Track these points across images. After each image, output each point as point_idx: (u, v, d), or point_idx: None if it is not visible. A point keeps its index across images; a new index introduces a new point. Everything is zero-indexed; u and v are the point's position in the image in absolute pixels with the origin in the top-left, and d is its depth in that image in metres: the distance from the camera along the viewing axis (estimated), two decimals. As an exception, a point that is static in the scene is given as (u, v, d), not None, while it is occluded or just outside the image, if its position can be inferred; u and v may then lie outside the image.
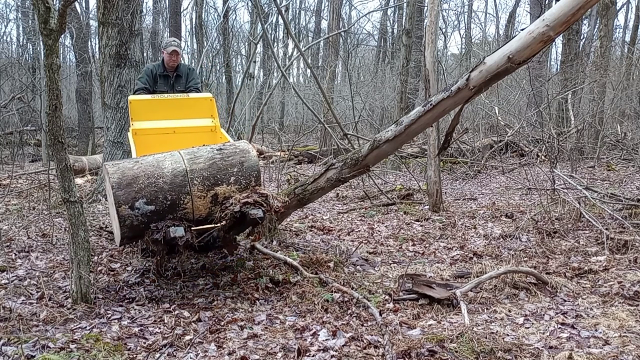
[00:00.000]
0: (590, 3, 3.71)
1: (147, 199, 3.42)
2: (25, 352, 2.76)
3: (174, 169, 3.53)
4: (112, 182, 3.36)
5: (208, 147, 3.77)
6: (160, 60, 5.52)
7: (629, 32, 19.93)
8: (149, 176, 3.45)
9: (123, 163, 3.55)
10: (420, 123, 4.42)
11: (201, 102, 5.00)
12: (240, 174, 3.68)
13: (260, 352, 2.94)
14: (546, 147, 9.43)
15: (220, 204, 3.61)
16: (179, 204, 3.50)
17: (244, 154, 3.75)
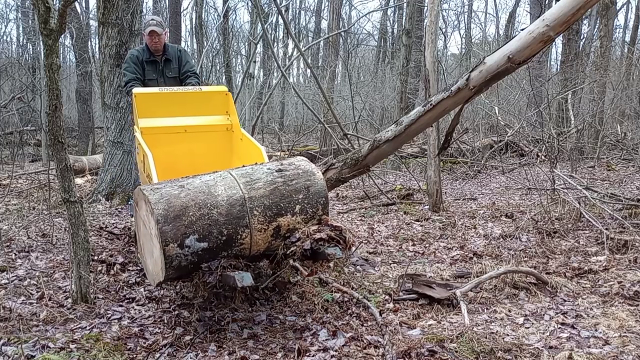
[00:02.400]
0: (590, 3, 3.71)
1: (200, 234, 2.83)
2: (25, 352, 2.76)
3: (230, 197, 2.94)
4: (157, 215, 2.77)
5: (264, 167, 3.19)
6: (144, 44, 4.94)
7: (629, 32, 19.93)
8: (200, 206, 2.85)
9: (165, 189, 2.92)
10: (420, 123, 4.42)
11: (215, 96, 4.46)
12: (306, 202, 3.09)
13: (260, 352, 2.94)
14: (546, 147, 9.43)
15: (283, 238, 3.07)
16: (235, 239, 2.93)
17: (309, 177, 3.17)
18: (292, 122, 20.45)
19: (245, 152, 4.19)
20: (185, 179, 3.05)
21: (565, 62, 12.23)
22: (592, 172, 8.87)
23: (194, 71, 4.91)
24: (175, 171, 3.69)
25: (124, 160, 6.43)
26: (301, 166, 3.24)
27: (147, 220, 2.97)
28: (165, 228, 2.78)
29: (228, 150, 4.43)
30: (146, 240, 3.07)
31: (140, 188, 3.00)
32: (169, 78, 4.85)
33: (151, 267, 3.06)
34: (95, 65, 13.48)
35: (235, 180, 3.05)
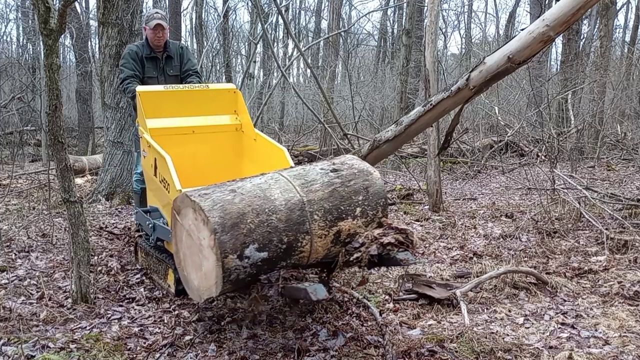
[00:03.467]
0: (590, 3, 3.71)
1: (260, 243, 2.57)
2: (25, 352, 2.76)
3: (288, 201, 2.69)
4: (213, 224, 2.51)
5: (316, 168, 2.97)
6: (143, 39, 4.67)
7: (629, 32, 19.94)
8: (258, 212, 2.60)
9: (215, 194, 2.65)
10: (420, 123, 4.42)
11: (223, 94, 4.24)
12: (366, 204, 2.88)
13: (260, 352, 2.94)
14: (546, 147, 9.43)
15: (343, 244, 2.83)
16: (295, 247, 2.68)
17: (367, 177, 2.97)
18: (292, 122, 20.45)
19: (261, 154, 4.00)
20: (234, 183, 2.79)
21: (565, 62, 12.23)
22: (592, 172, 8.87)
23: (195, 70, 4.73)
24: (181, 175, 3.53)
25: (124, 160, 6.43)
26: (355, 165, 3.03)
27: (194, 230, 2.67)
28: (223, 238, 2.49)
29: (238, 152, 4.26)
30: (192, 252, 2.75)
31: (186, 194, 2.69)
32: (170, 76, 4.64)
33: (197, 282, 2.75)
34: (95, 65, 13.47)
35: (290, 182, 2.80)
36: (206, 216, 2.53)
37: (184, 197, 2.73)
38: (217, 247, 2.49)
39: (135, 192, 4.88)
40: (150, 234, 3.82)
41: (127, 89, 4.43)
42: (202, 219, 2.57)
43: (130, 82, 4.42)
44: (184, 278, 2.90)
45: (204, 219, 2.56)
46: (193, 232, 2.69)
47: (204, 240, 2.60)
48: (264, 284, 2.67)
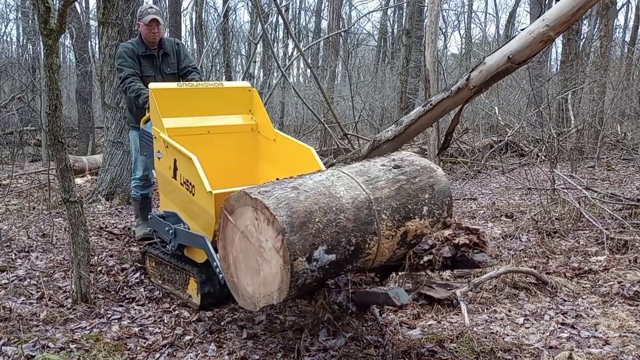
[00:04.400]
0: (590, 3, 3.72)
1: (328, 244, 2.40)
2: (25, 352, 2.76)
3: (354, 198, 2.54)
4: (281, 223, 2.32)
5: (376, 164, 2.84)
6: (137, 36, 4.48)
7: (629, 32, 19.94)
8: (326, 211, 2.43)
9: (277, 191, 2.48)
10: (420, 123, 4.43)
11: (238, 93, 4.08)
12: (432, 202, 2.74)
13: (260, 352, 2.94)
14: (546, 147, 9.43)
15: (409, 245, 2.68)
16: (363, 248, 2.53)
17: (431, 174, 2.83)
18: (292, 122, 20.44)
19: (282, 155, 3.86)
20: (292, 180, 2.63)
21: (565, 62, 12.23)
22: (592, 172, 8.86)
23: (194, 66, 4.54)
24: None
25: (124, 160, 6.42)
26: (416, 161, 2.89)
27: (253, 231, 2.49)
28: (292, 239, 2.30)
29: (254, 154, 4.12)
30: (247, 256, 2.57)
31: (245, 191, 2.51)
32: (167, 74, 4.45)
33: (253, 288, 2.56)
34: (95, 65, 13.47)
35: (353, 179, 2.65)
36: (272, 215, 2.34)
37: (241, 196, 2.54)
38: (285, 249, 2.31)
39: (135, 198, 4.73)
40: (169, 241, 3.58)
41: (130, 88, 4.22)
42: (266, 219, 2.38)
43: (132, 80, 4.23)
44: (232, 284, 2.70)
45: (268, 218, 2.37)
46: (251, 234, 2.51)
47: (267, 241, 2.41)
48: (331, 289, 2.47)
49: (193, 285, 3.50)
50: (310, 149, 3.58)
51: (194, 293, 3.50)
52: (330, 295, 2.47)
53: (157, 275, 3.91)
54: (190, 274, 3.52)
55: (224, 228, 2.69)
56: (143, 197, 4.71)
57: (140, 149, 4.22)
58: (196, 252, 3.42)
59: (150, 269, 3.99)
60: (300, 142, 3.73)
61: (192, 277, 3.50)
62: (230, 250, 2.68)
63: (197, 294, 3.46)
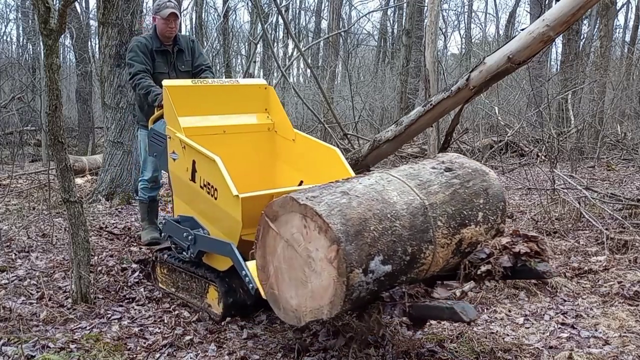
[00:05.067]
0: (590, 3, 3.72)
1: (385, 255, 2.25)
2: (25, 352, 2.76)
3: (408, 204, 2.39)
4: (336, 231, 2.16)
5: (426, 167, 2.69)
6: (151, 31, 4.30)
7: (629, 32, 19.94)
8: (380, 218, 2.28)
9: (326, 196, 2.32)
10: (420, 123, 4.43)
11: (253, 90, 3.91)
12: (487, 207, 2.59)
13: (260, 352, 2.94)
14: (546, 147, 9.43)
15: (462, 254, 2.54)
16: (418, 258, 2.38)
17: (484, 177, 2.68)
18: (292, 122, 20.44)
19: (302, 156, 3.71)
20: (341, 184, 2.46)
21: (565, 62, 12.24)
22: (592, 172, 8.86)
23: (208, 65, 4.39)
24: None
25: (124, 160, 6.43)
26: (466, 163, 2.74)
27: (301, 240, 2.32)
28: (348, 249, 2.14)
29: (270, 154, 3.97)
30: (291, 266, 2.39)
31: (293, 197, 2.33)
32: (182, 72, 4.27)
33: (297, 301, 2.38)
34: (95, 65, 13.47)
35: (405, 183, 2.50)
36: (325, 223, 2.17)
37: (287, 201, 2.36)
38: (341, 260, 2.14)
39: (142, 201, 4.55)
40: (187, 247, 3.37)
41: (140, 84, 4.05)
42: (318, 227, 2.22)
43: (142, 77, 4.04)
44: (272, 296, 2.52)
45: (320, 227, 2.20)
46: (297, 243, 2.34)
47: (318, 251, 2.24)
48: (386, 302, 2.31)
49: (213, 294, 3.34)
50: (335, 150, 3.45)
51: (214, 302, 3.34)
52: (385, 309, 2.32)
53: (169, 283, 3.73)
54: (210, 282, 3.35)
55: (264, 236, 2.50)
56: (151, 199, 4.54)
57: (150, 149, 4.03)
58: (217, 259, 3.23)
59: (161, 275, 3.82)
60: (324, 143, 3.61)
61: (213, 285, 3.33)
62: (270, 260, 2.50)
63: (218, 303, 3.30)
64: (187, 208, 3.52)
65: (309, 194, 2.36)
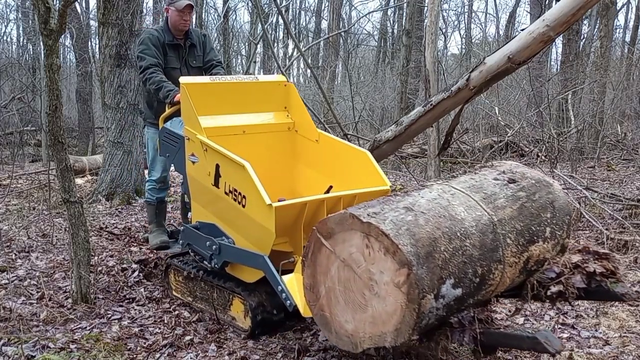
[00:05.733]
0: (590, 3, 3.71)
1: (455, 277, 2.09)
2: (25, 352, 2.76)
3: (477, 221, 2.23)
4: (406, 254, 1.99)
5: (488, 178, 2.53)
6: (162, 23, 4.12)
7: (629, 32, 19.92)
8: (450, 237, 2.12)
9: (390, 213, 2.15)
10: (420, 123, 4.43)
11: (273, 88, 3.70)
12: (554, 222, 2.45)
13: (260, 352, 2.94)
14: (546, 147, 9.43)
15: (528, 272, 2.38)
16: (487, 279, 2.21)
17: (548, 189, 2.54)
18: (292, 122, 20.43)
19: (327, 159, 3.49)
20: (401, 198, 2.30)
21: (565, 62, 12.23)
22: (592, 172, 8.86)
23: (219, 61, 4.21)
24: None
25: (124, 160, 6.43)
26: (528, 173, 2.59)
27: (361, 261, 2.14)
28: (420, 272, 1.97)
29: (290, 155, 3.76)
30: (348, 288, 2.21)
31: (353, 214, 2.15)
32: (193, 68, 4.09)
33: (353, 326, 2.21)
34: (95, 65, 13.47)
35: (470, 197, 2.34)
36: (393, 243, 2.00)
37: (345, 218, 2.18)
38: (412, 285, 1.97)
39: (149, 202, 4.34)
40: (209, 257, 3.17)
41: (150, 79, 3.84)
42: (384, 247, 2.04)
43: (153, 71, 3.84)
44: (322, 319, 2.35)
45: (387, 248, 2.03)
46: (357, 263, 2.16)
47: (383, 274, 2.06)
48: (454, 328, 2.17)
49: (238, 307, 3.16)
50: (366, 153, 3.24)
51: (239, 316, 3.15)
52: (452, 336, 2.16)
53: (184, 292, 3.56)
54: (235, 294, 3.16)
55: (315, 254, 2.34)
56: (159, 201, 4.32)
57: (161, 149, 3.81)
58: (244, 270, 3.04)
59: (174, 283, 3.65)
60: (352, 145, 3.40)
61: (239, 298, 3.14)
62: (322, 280, 2.32)
63: (244, 317, 3.11)
64: (208, 214, 3.30)
65: (369, 209, 2.17)
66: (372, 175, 3.15)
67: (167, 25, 4.02)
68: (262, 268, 2.80)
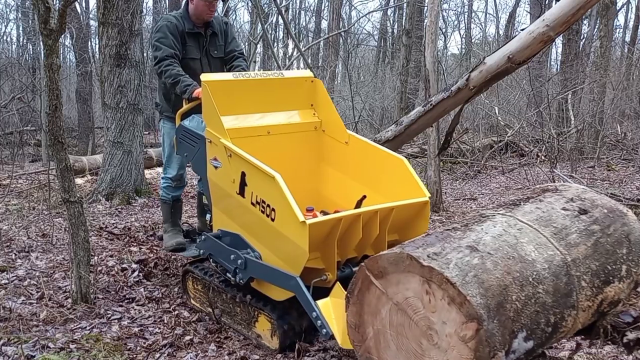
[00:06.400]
0: (590, 3, 3.71)
1: (527, 329, 1.88)
2: (25, 352, 2.76)
3: (549, 262, 2.02)
4: (476, 306, 1.77)
5: (555, 207, 2.29)
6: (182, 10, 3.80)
7: (629, 32, 19.93)
8: (522, 283, 1.90)
9: (452, 253, 1.94)
10: (420, 123, 4.43)
11: (298, 84, 3.43)
12: (630, 259, 2.23)
13: (260, 352, 2.94)
14: (546, 147, 9.43)
15: (600, 314, 2.19)
16: (559, 327, 2.00)
17: (624, 219, 2.32)
18: (292, 122, 20.41)
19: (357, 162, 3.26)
20: (462, 232, 2.08)
21: (565, 62, 12.24)
22: (592, 172, 8.86)
23: (241, 51, 3.92)
24: None
25: (124, 160, 6.43)
26: (597, 200, 2.37)
27: (419, 308, 1.93)
28: (491, 327, 1.76)
29: (316, 157, 3.51)
30: (402, 334, 2.00)
31: (412, 255, 1.93)
32: (214, 58, 3.83)
33: None
34: (95, 65, 13.47)
35: (539, 232, 2.11)
36: (460, 294, 1.78)
37: (402, 258, 1.96)
38: (482, 342, 1.76)
39: (164, 201, 4.14)
40: (233, 270, 2.93)
41: (167, 71, 3.58)
42: (449, 297, 1.82)
43: (170, 63, 3.58)
44: None
45: (452, 298, 1.81)
46: (414, 309, 1.95)
47: (446, 325, 1.85)
48: None
49: (264, 325, 2.94)
50: (403, 160, 3.05)
51: (265, 334, 2.94)
52: None
53: (203, 302, 3.39)
54: (261, 312, 2.94)
55: (362, 292, 2.14)
56: (174, 199, 4.12)
57: (178, 148, 3.56)
58: (272, 287, 2.81)
59: (193, 291, 3.47)
60: (387, 150, 3.17)
61: (265, 316, 2.92)
62: (370, 321, 2.12)
63: (271, 336, 2.90)
64: (231, 223, 3.06)
65: (429, 249, 1.95)
66: (408, 184, 2.94)
67: (187, 12, 3.73)
68: (294, 290, 2.58)
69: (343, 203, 3.22)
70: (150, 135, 13.87)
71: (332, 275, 2.65)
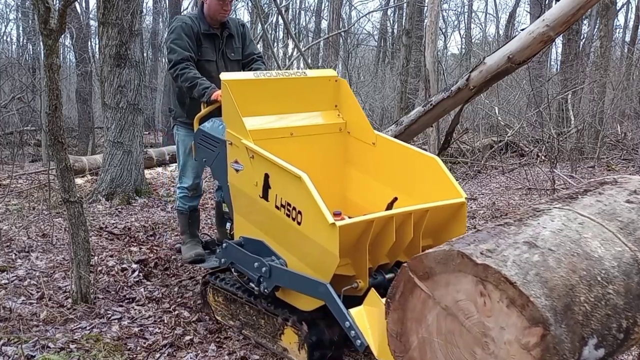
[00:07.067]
0: (590, 3, 3.72)
1: (598, 335, 1.68)
2: (25, 352, 2.76)
3: (618, 259, 1.83)
4: (541, 308, 1.56)
5: (618, 200, 2.13)
6: (197, 11, 3.72)
7: (629, 32, 19.93)
8: (590, 283, 1.71)
9: (509, 250, 1.74)
10: (420, 123, 4.43)
11: (322, 84, 3.32)
12: None
13: (260, 352, 2.94)
14: (546, 147, 9.43)
15: None
16: (630, 333, 1.80)
17: None
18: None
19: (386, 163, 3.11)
20: (517, 227, 1.90)
21: (565, 62, 12.24)
22: (592, 172, 8.86)
23: (260, 54, 3.85)
24: None
25: (124, 160, 6.43)
26: None
27: (472, 312, 1.73)
28: (559, 333, 1.56)
29: (341, 159, 3.38)
30: (452, 342, 1.81)
31: (463, 252, 1.73)
32: (231, 61, 3.70)
33: None
34: (95, 65, 13.47)
35: (603, 226, 1.93)
36: (522, 295, 1.58)
37: (451, 256, 1.76)
38: (549, 349, 1.55)
39: (181, 212, 3.90)
40: (257, 279, 2.75)
41: (183, 75, 3.44)
42: (508, 299, 1.62)
43: (186, 66, 3.45)
44: None
45: (513, 299, 1.61)
46: (465, 314, 1.75)
47: (504, 331, 1.64)
48: None
49: (291, 338, 2.78)
50: (435, 159, 2.86)
51: (292, 347, 2.78)
52: None
53: (226, 315, 3.24)
54: (287, 324, 2.78)
55: (405, 296, 1.93)
56: (191, 209, 3.90)
57: (197, 152, 3.38)
58: (299, 296, 2.64)
59: (214, 304, 3.32)
60: (417, 149, 3.01)
61: (292, 328, 2.76)
62: (414, 328, 1.92)
63: (299, 349, 2.73)
64: (254, 229, 2.91)
65: (481, 245, 1.76)
66: (442, 184, 2.77)
67: (202, 13, 3.61)
68: (324, 298, 2.40)
69: (371, 207, 3.01)
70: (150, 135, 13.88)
71: (364, 283, 2.49)
